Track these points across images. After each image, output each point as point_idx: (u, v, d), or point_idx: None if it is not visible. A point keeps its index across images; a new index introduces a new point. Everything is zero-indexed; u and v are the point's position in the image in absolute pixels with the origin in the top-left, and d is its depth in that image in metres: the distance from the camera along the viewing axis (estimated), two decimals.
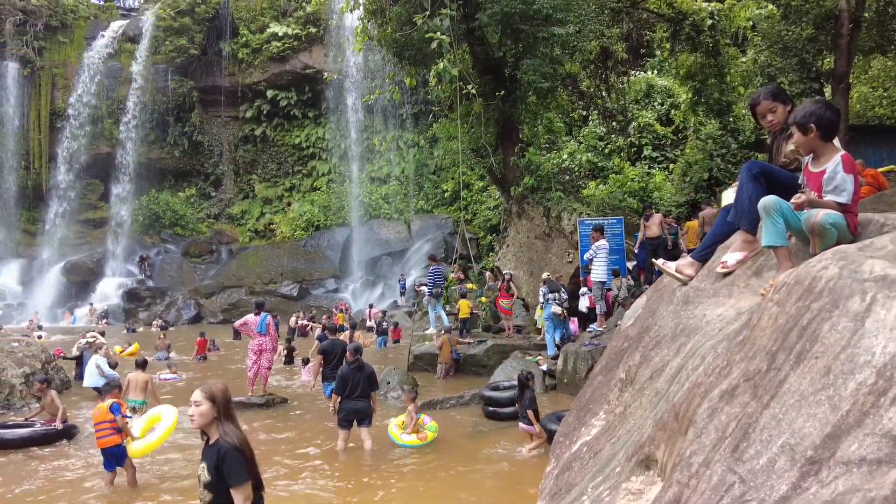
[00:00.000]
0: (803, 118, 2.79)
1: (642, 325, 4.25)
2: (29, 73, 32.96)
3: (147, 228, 33.11)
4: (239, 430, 3.16)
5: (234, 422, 3.19)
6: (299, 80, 34.65)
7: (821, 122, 2.75)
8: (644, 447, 2.56)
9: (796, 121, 2.83)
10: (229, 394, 3.24)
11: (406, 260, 30.46)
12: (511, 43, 14.32)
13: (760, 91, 3.53)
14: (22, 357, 11.00)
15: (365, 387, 7.32)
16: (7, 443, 7.62)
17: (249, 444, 3.15)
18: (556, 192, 14.49)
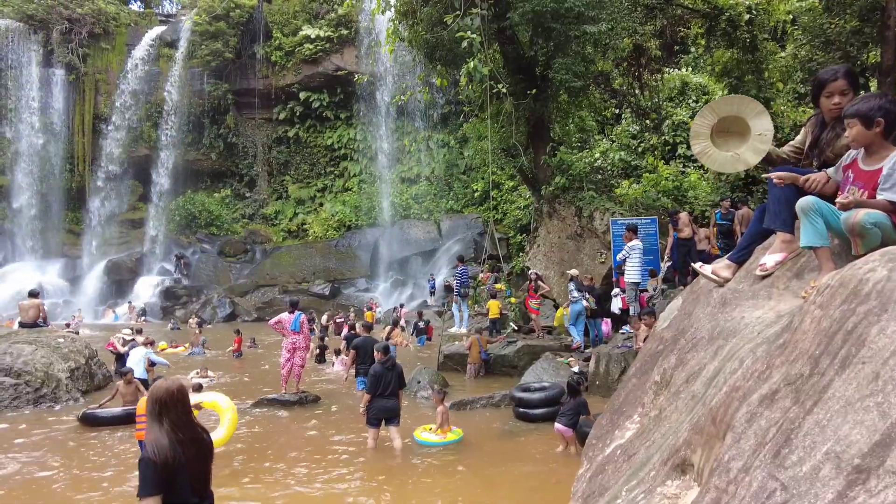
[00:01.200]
0: (869, 111, 2.64)
1: (678, 327, 4.17)
2: (74, 79, 34.15)
3: (184, 228, 33.97)
4: (168, 435, 2.89)
5: (167, 425, 2.92)
6: (331, 81, 35.08)
7: (888, 116, 2.62)
8: (680, 451, 2.51)
9: (860, 113, 2.67)
10: (171, 394, 2.98)
11: (436, 260, 30.54)
12: (542, 42, 14.21)
13: (838, 68, 3.23)
14: (67, 352, 11.41)
15: (395, 385, 7.38)
16: (100, 420, 8.94)
17: (172, 453, 2.84)
18: (589, 192, 14.33)
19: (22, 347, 10.92)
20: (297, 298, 12.38)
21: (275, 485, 6.28)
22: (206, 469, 3.08)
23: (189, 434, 2.98)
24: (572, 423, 6.89)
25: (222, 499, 5.83)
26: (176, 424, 2.95)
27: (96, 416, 8.98)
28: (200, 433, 3.09)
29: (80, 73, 34.11)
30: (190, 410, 3.09)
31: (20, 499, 6.06)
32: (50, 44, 33.61)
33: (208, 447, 3.12)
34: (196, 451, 2.99)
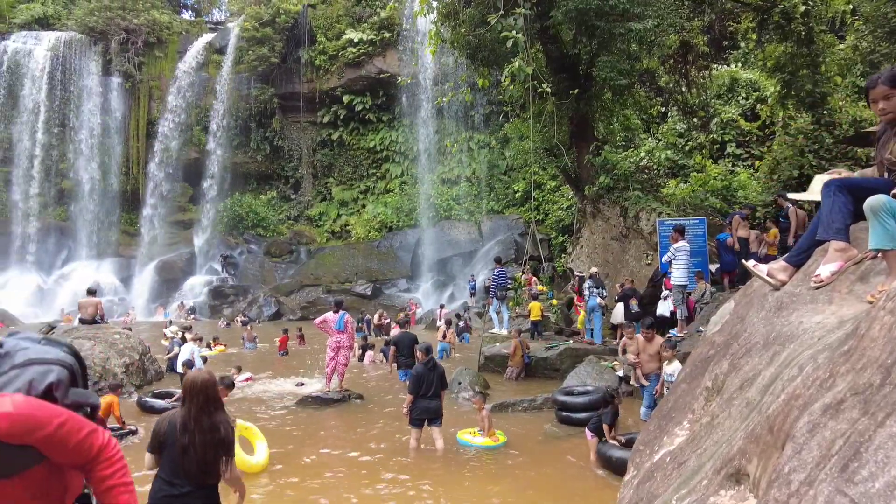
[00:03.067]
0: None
1: (730, 331, 4.04)
2: (130, 86, 35.65)
3: (231, 229, 34.97)
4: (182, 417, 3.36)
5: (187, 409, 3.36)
6: (374, 84, 35.50)
7: None
8: (734, 460, 2.42)
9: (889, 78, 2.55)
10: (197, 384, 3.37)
11: (476, 260, 30.50)
12: (586, 40, 14.01)
13: (879, 74, 3.12)
14: (122, 348, 11.90)
15: (437, 386, 7.38)
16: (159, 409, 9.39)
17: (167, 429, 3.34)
18: (634, 192, 14.04)
19: (82, 343, 11.44)
20: (341, 298, 12.59)
21: (318, 484, 6.37)
22: (212, 459, 3.32)
23: (204, 422, 3.31)
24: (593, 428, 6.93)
25: (267, 497, 5.97)
26: (195, 410, 3.32)
27: (153, 404, 9.62)
28: (218, 424, 3.37)
29: (135, 80, 35.58)
30: (214, 402, 3.40)
31: None
32: (109, 53, 35.19)
33: (221, 440, 3.37)
34: (204, 437, 3.30)
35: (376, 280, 31.02)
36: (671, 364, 7.60)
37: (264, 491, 6.15)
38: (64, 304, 28.83)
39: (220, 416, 3.43)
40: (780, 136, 19.11)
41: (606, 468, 6.41)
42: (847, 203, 2.84)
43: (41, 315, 28.48)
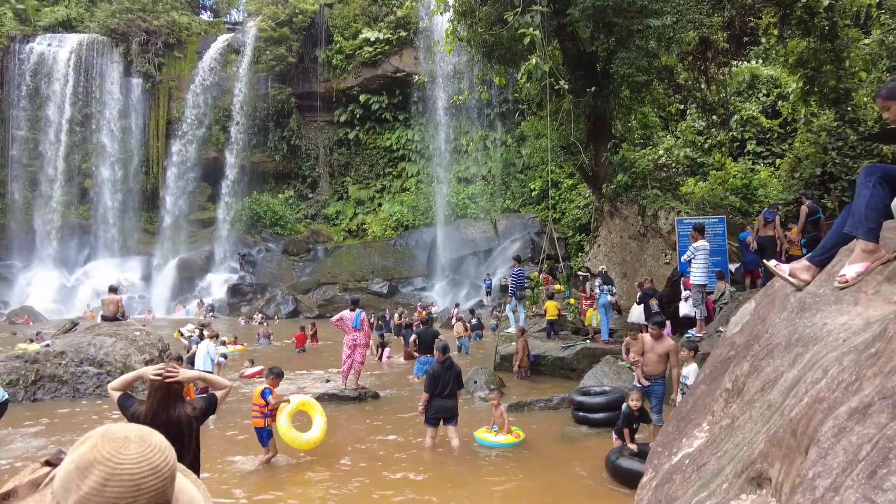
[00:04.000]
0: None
1: (751, 332, 3.97)
2: (150, 86, 36.14)
3: (249, 228, 35.30)
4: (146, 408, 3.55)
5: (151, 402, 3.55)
6: (390, 83, 35.57)
7: None
8: (755, 464, 2.38)
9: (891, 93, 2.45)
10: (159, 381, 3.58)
11: (492, 259, 30.43)
12: (603, 37, 13.89)
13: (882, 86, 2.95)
14: (143, 345, 12.07)
15: (453, 385, 7.37)
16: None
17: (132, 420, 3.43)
18: (653, 190, 13.88)
19: (104, 339, 11.65)
20: (357, 297, 12.66)
21: (334, 481, 6.40)
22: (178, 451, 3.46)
23: (161, 416, 3.44)
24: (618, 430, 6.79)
25: (287, 496, 6.01)
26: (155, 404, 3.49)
27: None
28: (176, 419, 3.50)
29: (155, 81, 36.05)
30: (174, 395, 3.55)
31: None
32: (129, 55, 35.70)
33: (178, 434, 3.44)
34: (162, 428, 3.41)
35: (392, 279, 31.11)
36: (688, 365, 7.48)
37: (275, 490, 6.19)
38: (86, 301, 29.35)
39: (180, 409, 3.53)
40: (801, 134, 18.78)
41: (613, 477, 6.09)
42: (885, 198, 2.71)
43: (65, 312, 29.03)
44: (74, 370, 10.81)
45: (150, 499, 1.03)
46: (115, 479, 1.00)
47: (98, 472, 1.00)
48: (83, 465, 1.01)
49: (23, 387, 10.30)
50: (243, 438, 7.93)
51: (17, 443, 7.87)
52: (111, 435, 1.06)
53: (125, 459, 1.02)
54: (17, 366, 10.53)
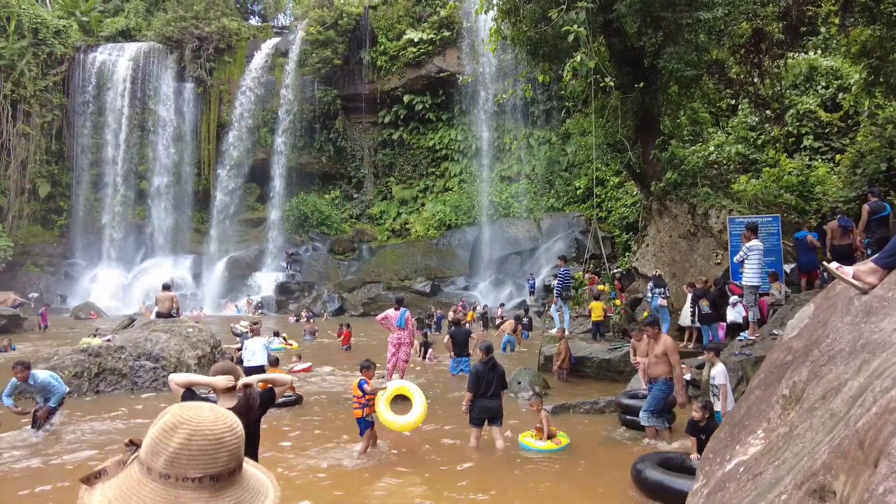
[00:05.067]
0: None
1: (810, 336, 3.81)
2: (201, 91, 37.42)
3: (297, 227, 36.12)
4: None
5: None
6: (433, 83, 35.74)
7: None
8: (817, 475, 2.28)
9: None
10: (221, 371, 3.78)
11: (535, 259, 30.19)
12: (651, 32, 13.55)
13: None
14: (195, 341, 12.50)
15: (497, 386, 7.34)
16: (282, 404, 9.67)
17: None
18: (703, 188, 13.46)
19: (159, 335, 12.12)
20: (402, 296, 12.80)
21: (377, 482, 6.47)
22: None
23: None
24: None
25: (319, 498, 6.11)
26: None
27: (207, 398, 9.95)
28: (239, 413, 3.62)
29: (206, 85, 37.31)
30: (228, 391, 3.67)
31: None
32: (183, 60, 37.07)
33: (246, 424, 3.56)
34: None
35: (435, 278, 31.25)
36: (715, 366, 7.27)
37: (315, 487, 6.31)
38: (143, 298, 30.63)
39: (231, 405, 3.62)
40: (865, 127, 17.88)
41: (640, 487, 5.68)
42: None
43: (123, 308, 30.39)
44: (132, 364, 11.30)
45: (229, 454, 1.18)
46: (199, 435, 1.16)
47: (183, 431, 1.16)
48: (168, 428, 1.17)
49: (87, 379, 10.83)
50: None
51: (85, 431, 8.27)
52: (186, 405, 1.23)
53: (204, 419, 1.19)
54: (82, 359, 11.08)
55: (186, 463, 1.14)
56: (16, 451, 7.35)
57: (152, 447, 1.17)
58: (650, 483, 5.52)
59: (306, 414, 9.63)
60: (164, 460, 1.15)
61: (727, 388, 7.21)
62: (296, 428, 8.75)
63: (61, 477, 6.45)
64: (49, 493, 6.01)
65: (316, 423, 9.00)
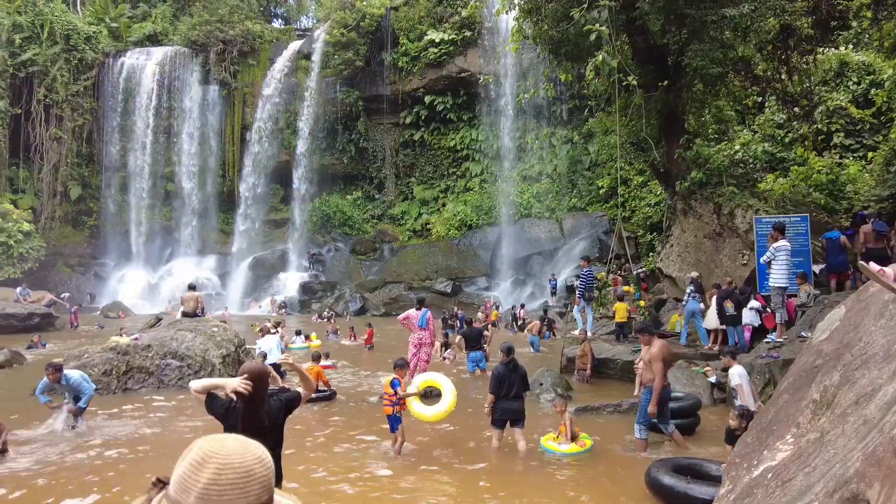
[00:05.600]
0: None
1: (841, 339, 3.71)
2: (226, 93, 37.98)
3: (320, 228, 36.45)
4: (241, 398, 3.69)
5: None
6: (455, 84, 35.76)
7: None
8: (851, 483, 2.22)
9: None
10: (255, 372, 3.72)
11: (557, 259, 29.98)
12: (675, 29, 13.37)
13: None
14: (220, 340, 12.68)
15: (519, 387, 7.31)
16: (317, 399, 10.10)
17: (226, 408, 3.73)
18: (729, 187, 13.23)
19: (184, 334, 12.32)
20: (423, 296, 12.83)
21: (400, 482, 6.48)
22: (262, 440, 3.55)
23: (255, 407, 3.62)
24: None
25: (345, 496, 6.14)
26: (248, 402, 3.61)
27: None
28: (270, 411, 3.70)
29: (231, 88, 37.85)
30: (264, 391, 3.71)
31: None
32: (207, 64, 37.67)
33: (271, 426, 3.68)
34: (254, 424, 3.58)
35: (456, 278, 31.24)
36: (734, 368, 7.16)
37: (342, 488, 6.34)
38: (169, 298, 31.18)
39: (268, 403, 3.70)
40: None
41: (653, 493, 5.54)
42: None
43: (149, 307, 30.96)
44: (159, 363, 11.51)
45: (260, 486, 1.16)
46: (228, 469, 1.14)
47: (212, 465, 1.14)
48: (197, 463, 1.15)
49: (116, 376, 11.07)
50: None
51: (114, 427, 8.45)
52: (211, 438, 1.20)
53: (232, 452, 1.16)
54: (110, 357, 11.33)
55: (217, 498, 1.12)
56: (48, 448, 7.54)
57: (181, 484, 1.15)
58: (663, 489, 5.38)
59: (332, 412, 9.71)
60: (194, 497, 1.12)
61: (743, 389, 7.09)
62: (321, 425, 8.83)
63: (94, 473, 6.60)
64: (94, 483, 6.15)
65: (341, 421, 9.08)
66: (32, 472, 6.58)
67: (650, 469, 5.69)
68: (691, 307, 11.96)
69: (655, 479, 5.52)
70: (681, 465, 5.76)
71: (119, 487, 6.14)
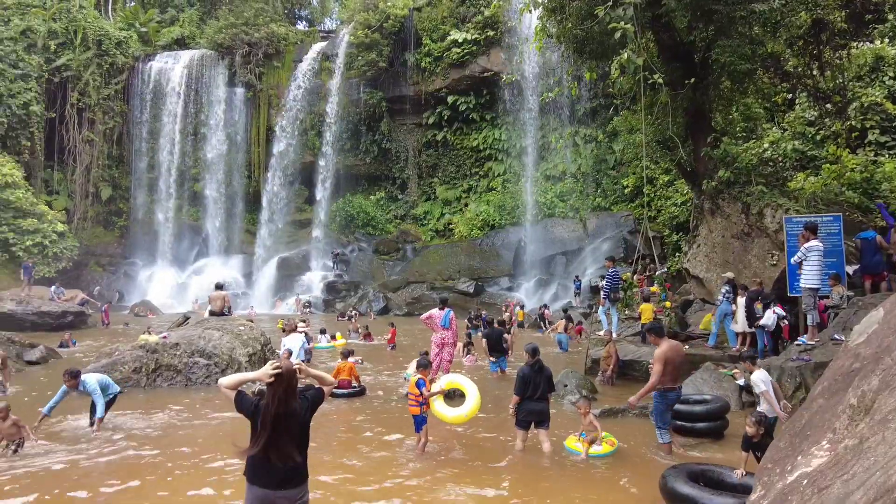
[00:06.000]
0: None
1: (880, 343, 3.61)
2: (251, 95, 38.54)
3: (343, 228, 36.75)
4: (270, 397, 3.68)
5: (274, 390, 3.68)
6: (478, 83, 35.73)
7: None
8: (892, 492, 2.15)
9: None
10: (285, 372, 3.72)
11: (581, 259, 29.74)
12: (702, 26, 13.15)
13: None
14: (246, 339, 12.85)
15: (545, 388, 7.27)
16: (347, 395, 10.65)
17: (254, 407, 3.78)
18: (758, 186, 12.95)
19: (212, 333, 12.52)
20: (446, 296, 12.85)
21: (421, 480, 6.49)
22: (288, 441, 3.63)
23: (281, 408, 3.63)
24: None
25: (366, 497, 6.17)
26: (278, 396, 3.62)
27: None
28: (295, 411, 3.69)
29: (256, 90, 38.40)
30: (292, 391, 3.69)
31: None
32: (233, 66, 38.26)
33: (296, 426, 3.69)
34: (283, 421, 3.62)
35: (478, 278, 31.20)
36: (754, 374, 7.01)
37: (365, 486, 6.37)
38: (196, 297, 31.72)
39: (296, 403, 3.71)
40: None
41: (667, 500, 5.34)
42: None
43: (177, 306, 31.55)
44: (187, 361, 11.71)
45: None
46: None
47: None
48: None
49: (145, 374, 11.29)
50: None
51: (140, 422, 8.62)
52: None
53: None
54: (140, 355, 11.57)
55: None
56: (82, 444, 7.72)
57: None
58: (676, 497, 5.20)
59: (358, 409, 9.78)
60: None
61: (770, 394, 6.94)
62: (347, 421, 8.90)
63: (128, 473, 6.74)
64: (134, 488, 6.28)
65: (366, 419, 9.13)
66: (69, 466, 6.75)
67: (664, 474, 5.54)
68: (724, 308, 11.75)
69: (669, 486, 5.34)
70: (698, 472, 5.63)
71: (153, 477, 6.27)
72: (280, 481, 3.59)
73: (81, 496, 5.90)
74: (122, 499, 5.89)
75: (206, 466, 6.77)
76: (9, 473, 6.46)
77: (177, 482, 6.28)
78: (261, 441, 3.59)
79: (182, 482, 6.27)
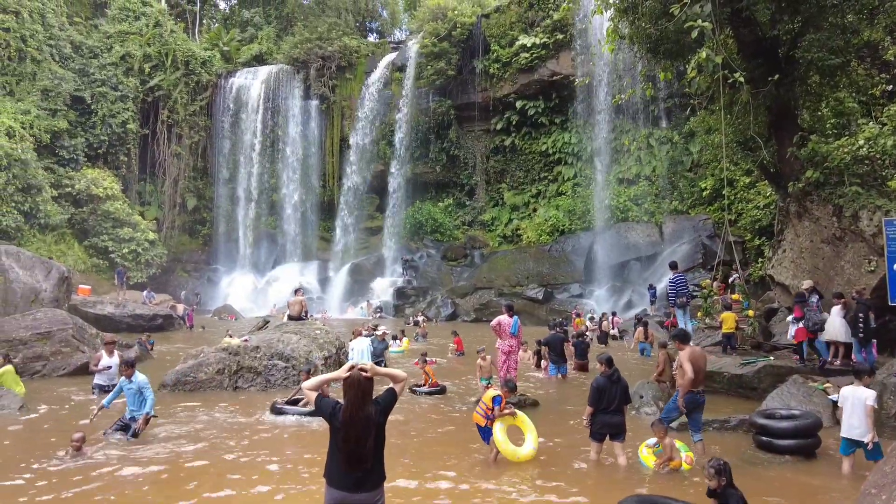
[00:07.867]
0: None
1: None
2: (325, 107, 39.99)
3: (412, 235, 37.32)
4: (343, 406, 3.81)
5: (346, 399, 3.82)
6: (546, 87, 35.39)
7: None
8: None
9: None
10: (353, 382, 3.80)
11: (657, 265, 28.69)
12: (787, 18, 12.42)
13: None
14: (322, 342, 13.27)
15: (621, 400, 7.05)
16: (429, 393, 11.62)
17: (332, 416, 3.91)
18: (852, 187, 12.05)
19: (290, 336, 13.02)
20: (511, 302, 12.71)
21: (489, 491, 6.44)
22: (363, 444, 3.70)
23: (355, 412, 3.73)
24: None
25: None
26: (350, 401, 3.74)
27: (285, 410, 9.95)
28: (370, 415, 3.75)
29: (329, 102, 39.79)
30: (367, 395, 3.78)
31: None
32: (308, 80, 39.84)
33: (371, 429, 3.75)
34: (355, 428, 3.70)
35: (547, 284, 30.76)
36: (857, 389, 6.55)
37: (442, 489, 6.39)
38: (274, 301, 33.11)
39: (371, 407, 3.79)
40: None
41: None
42: None
43: (256, 310, 33.04)
44: (266, 363, 12.22)
45: None
46: None
47: None
48: None
49: (227, 375, 11.88)
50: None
51: (228, 418, 9.07)
52: None
53: None
54: (223, 357, 12.18)
55: None
56: (154, 446, 8.20)
57: None
58: None
59: (431, 411, 9.86)
60: None
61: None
62: (421, 424, 8.99)
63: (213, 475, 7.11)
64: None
65: (440, 424, 9.19)
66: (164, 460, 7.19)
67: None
68: (815, 318, 10.99)
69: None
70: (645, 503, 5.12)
71: (239, 476, 6.58)
72: (356, 483, 3.68)
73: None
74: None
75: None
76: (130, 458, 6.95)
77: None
78: (338, 443, 3.69)
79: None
